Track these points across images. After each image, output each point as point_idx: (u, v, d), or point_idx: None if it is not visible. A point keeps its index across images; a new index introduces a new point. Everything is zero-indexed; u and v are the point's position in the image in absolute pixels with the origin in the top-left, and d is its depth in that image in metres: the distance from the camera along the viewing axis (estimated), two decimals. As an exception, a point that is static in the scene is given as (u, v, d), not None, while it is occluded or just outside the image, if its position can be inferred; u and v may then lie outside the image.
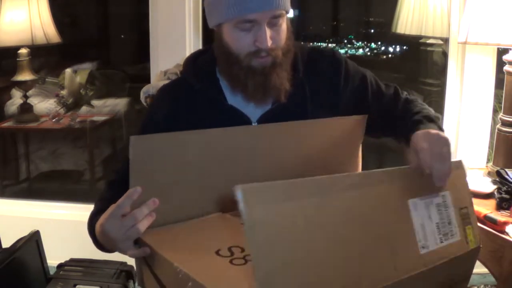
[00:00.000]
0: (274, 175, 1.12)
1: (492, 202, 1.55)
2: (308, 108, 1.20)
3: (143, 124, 1.26)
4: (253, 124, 1.19)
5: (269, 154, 1.14)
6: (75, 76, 3.13)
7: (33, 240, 1.59)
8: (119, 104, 3.24)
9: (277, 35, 1.12)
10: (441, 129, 1.11)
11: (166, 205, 1.01)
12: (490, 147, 2.03)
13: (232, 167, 1.10)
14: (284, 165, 1.14)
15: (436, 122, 1.14)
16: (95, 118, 3.07)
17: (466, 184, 1.06)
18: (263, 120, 1.19)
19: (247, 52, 1.11)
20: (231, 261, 0.88)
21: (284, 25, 1.14)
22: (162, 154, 1.01)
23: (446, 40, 2.31)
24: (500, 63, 1.95)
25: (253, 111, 1.19)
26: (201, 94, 1.20)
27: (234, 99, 1.20)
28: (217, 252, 0.91)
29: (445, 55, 2.39)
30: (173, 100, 1.21)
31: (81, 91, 3.10)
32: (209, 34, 2.27)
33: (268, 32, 1.10)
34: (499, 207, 1.51)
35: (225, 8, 1.09)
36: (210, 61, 1.22)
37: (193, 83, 1.21)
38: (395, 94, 1.27)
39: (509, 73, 1.75)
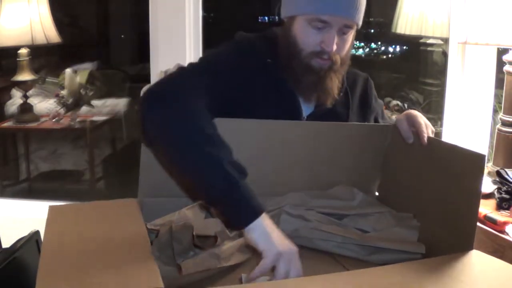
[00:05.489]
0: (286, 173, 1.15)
1: (492, 202, 1.55)
2: (350, 115, 1.28)
3: (223, 62, 1.19)
4: (303, 117, 1.22)
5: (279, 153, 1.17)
6: (75, 76, 3.13)
7: (33, 240, 1.59)
8: (119, 104, 3.24)
9: (342, 44, 1.17)
10: None
11: None
12: (490, 147, 2.03)
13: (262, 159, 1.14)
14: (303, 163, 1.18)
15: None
16: (95, 118, 3.07)
17: None
18: (311, 117, 1.23)
19: (311, 50, 1.16)
20: None
21: (350, 37, 1.19)
22: None
23: (446, 40, 2.31)
24: (500, 63, 1.95)
25: (304, 106, 1.23)
26: (268, 69, 1.19)
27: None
28: None
29: (445, 55, 2.39)
30: (248, 64, 1.19)
31: (81, 91, 3.10)
32: (209, 34, 2.27)
33: (336, 37, 1.13)
34: (499, 207, 1.51)
35: (304, 3, 1.14)
36: (269, 48, 1.22)
37: (265, 55, 1.20)
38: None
39: (509, 73, 1.76)
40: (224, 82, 1.14)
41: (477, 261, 0.91)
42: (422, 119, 1.14)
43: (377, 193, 1.29)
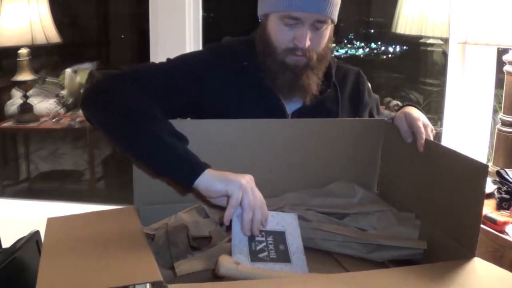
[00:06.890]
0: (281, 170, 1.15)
1: (492, 202, 1.55)
2: (339, 111, 1.26)
3: (193, 61, 1.23)
4: (287, 115, 1.22)
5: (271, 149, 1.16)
6: (75, 76, 3.13)
7: (33, 240, 1.59)
8: (119, 104, 3.23)
9: (316, 39, 1.16)
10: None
11: None
12: (490, 147, 2.03)
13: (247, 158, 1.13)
14: (294, 161, 1.18)
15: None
16: (95, 118, 3.06)
17: None
18: (298, 114, 1.23)
19: (284, 47, 1.16)
20: None
21: (326, 33, 1.18)
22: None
23: (446, 40, 2.31)
24: (500, 63, 1.95)
25: (288, 103, 1.23)
26: (246, 72, 1.20)
27: None
28: None
29: (445, 55, 2.39)
30: (225, 67, 1.21)
31: (81, 91, 3.10)
32: (209, 34, 2.27)
33: (308, 33, 1.13)
34: (499, 207, 1.51)
35: (275, 0, 1.14)
36: (247, 51, 1.23)
37: (242, 58, 1.21)
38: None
39: (509, 73, 1.76)
40: (198, 81, 1.16)
41: (479, 269, 0.90)
42: (420, 121, 1.12)
43: (377, 191, 1.28)
